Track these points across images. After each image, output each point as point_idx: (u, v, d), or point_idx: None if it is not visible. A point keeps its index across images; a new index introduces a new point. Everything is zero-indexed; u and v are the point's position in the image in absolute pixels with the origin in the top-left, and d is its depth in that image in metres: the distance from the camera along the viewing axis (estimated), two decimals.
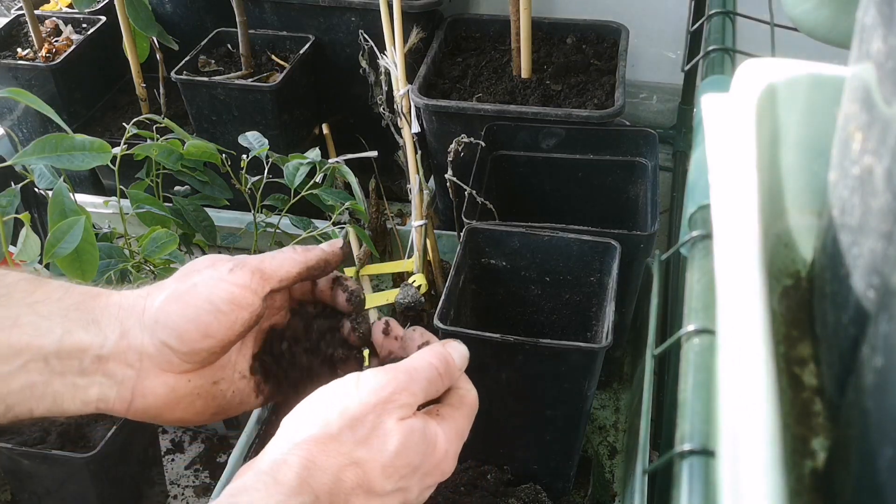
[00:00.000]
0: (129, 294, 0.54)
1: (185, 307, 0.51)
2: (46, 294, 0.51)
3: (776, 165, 0.45)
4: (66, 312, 0.51)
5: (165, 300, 0.52)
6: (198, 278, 0.53)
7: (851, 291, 0.33)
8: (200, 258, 0.56)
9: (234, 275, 0.52)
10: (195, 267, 0.55)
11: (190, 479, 0.89)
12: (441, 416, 0.52)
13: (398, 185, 1.21)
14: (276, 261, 0.54)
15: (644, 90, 1.38)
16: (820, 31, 0.63)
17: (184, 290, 0.52)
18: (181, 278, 0.54)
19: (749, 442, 0.29)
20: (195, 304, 0.51)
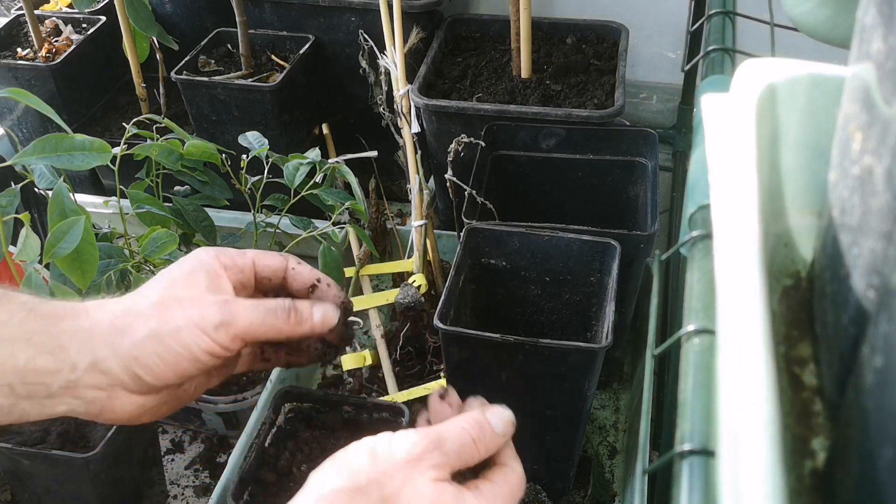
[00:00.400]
0: (103, 317, 0.52)
1: (165, 351, 0.52)
2: (9, 314, 0.50)
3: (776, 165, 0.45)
4: (30, 336, 0.50)
5: (146, 339, 0.51)
6: (181, 319, 0.52)
7: (851, 291, 0.33)
8: (187, 262, 0.56)
9: (218, 333, 0.52)
10: (179, 290, 0.54)
11: (190, 479, 0.89)
12: (479, 490, 0.49)
13: (398, 185, 1.21)
14: (266, 325, 0.54)
15: (644, 90, 1.38)
16: (820, 31, 0.63)
17: (166, 333, 0.52)
18: (162, 309, 0.53)
19: (749, 442, 0.29)
20: (176, 352, 0.52)
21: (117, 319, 0.52)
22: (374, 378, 0.95)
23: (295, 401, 0.73)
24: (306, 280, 0.61)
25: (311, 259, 1.13)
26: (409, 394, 0.87)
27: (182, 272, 0.55)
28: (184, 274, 0.55)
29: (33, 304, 0.51)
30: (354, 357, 0.93)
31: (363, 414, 0.71)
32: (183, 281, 0.54)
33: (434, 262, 0.98)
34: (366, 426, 0.71)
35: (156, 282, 0.55)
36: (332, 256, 0.83)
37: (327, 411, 0.72)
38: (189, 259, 0.57)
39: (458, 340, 0.70)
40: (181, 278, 0.55)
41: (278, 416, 0.72)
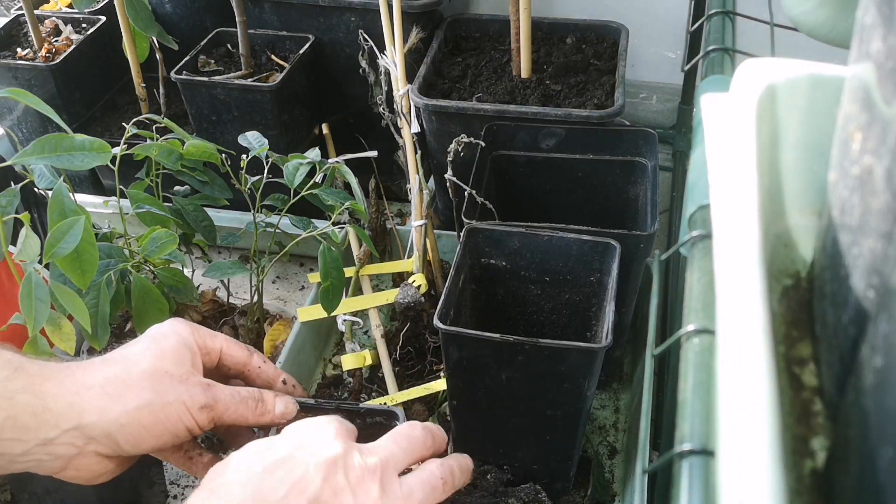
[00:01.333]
0: (93, 381, 0.54)
1: (153, 423, 0.55)
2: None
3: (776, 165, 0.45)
4: (13, 395, 0.51)
5: (137, 410, 0.55)
6: (171, 395, 0.56)
7: (851, 291, 0.34)
8: (171, 337, 0.59)
9: (201, 414, 0.57)
10: (170, 365, 0.57)
11: (190, 479, 0.89)
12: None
13: (398, 185, 1.21)
14: (237, 413, 0.60)
15: (644, 90, 1.38)
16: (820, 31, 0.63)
17: (157, 406, 0.55)
18: (155, 382, 0.56)
19: (749, 442, 0.29)
20: (163, 425, 0.56)
21: (109, 386, 0.55)
22: (373, 378, 0.95)
23: None
24: (270, 378, 0.66)
25: (311, 259, 1.14)
26: (409, 394, 0.87)
27: (170, 346, 0.59)
28: (171, 349, 0.58)
29: (19, 363, 0.52)
30: (354, 357, 0.93)
31: (356, 420, 0.71)
32: (172, 356, 0.58)
33: (434, 262, 0.98)
34: (360, 432, 0.71)
35: (145, 350, 0.58)
36: (332, 256, 0.83)
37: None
38: (171, 333, 0.60)
39: (458, 340, 0.70)
40: (170, 352, 0.58)
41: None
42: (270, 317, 1.03)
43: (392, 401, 0.86)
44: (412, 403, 0.89)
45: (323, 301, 0.84)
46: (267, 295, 1.06)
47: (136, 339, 0.61)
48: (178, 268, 0.84)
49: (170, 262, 0.82)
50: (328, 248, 0.83)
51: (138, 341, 0.60)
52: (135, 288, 0.78)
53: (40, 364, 0.53)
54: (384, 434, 0.64)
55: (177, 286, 0.83)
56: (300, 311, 0.94)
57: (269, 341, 0.98)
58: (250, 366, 0.65)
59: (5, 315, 0.72)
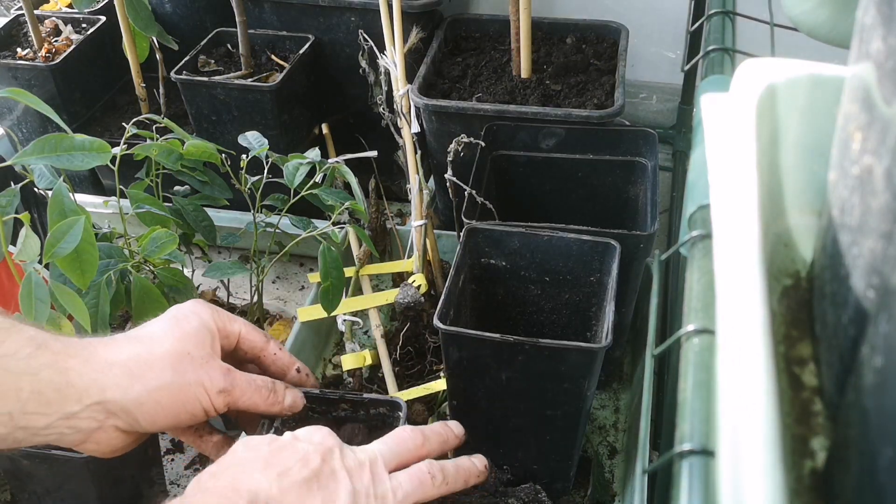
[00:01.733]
0: (115, 358, 0.55)
1: (171, 403, 0.57)
2: (16, 348, 0.51)
3: (776, 165, 0.45)
4: (38, 371, 0.52)
5: (158, 389, 0.56)
6: (192, 376, 0.58)
7: (851, 291, 0.34)
8: (193, 318, 0.61)
9: (219, 398, 0.59)
10: (192, 347, 0.59)
11: (190, 479, 0.89)
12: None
13: (398, 185, 1.21)
14: (251, 400, 0.62)
15: (644, 90, 1.38)
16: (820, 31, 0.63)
17: (177, 387, 0.57)
18: (177, 363, 0.57)
19: (749, 442, 0.29)
20: (181, 405, 0.57)
21: (132, 364, 0.56)
22: (373, 378, 0.95)
23: None
24: (285, 365, 0.68)
25: (311, 259, 1.14)
26: (409, 394, 0.87)
27: (192, 328, 0.60)
28: (193, 331, 0.60)
29: (42, 340, 0.53)
30: (354, 357, 0.93)
31: (360, 411, 0.71)
32: (194, 338, 0.59)
33: (434, 262, 0.98)
34: (363, 423, 0.71)
35: (168, 330, 0.60)
36: (332, 256, 0.83)
37: (324, 411, 0.72)
38: (193, 314, 0.61)
39: (458, 340, 0.70)
40: (192, 335, 0.60)
41: (275, 418, 0.72)
42: (270, 317, 1.03)
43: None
44: (412, 403, 0.89)
45: (323, 301, 0.84)
46: (267, 295, 1.06)
47: (158, 317, 0.62)
48: (178, 268, 0.84)
49: (170, 262, 0.82)
50: (328, 248, 0.83)
51: (160, 320, 0.61)
52: (135, 288, 0.78)
53: (64, 341, 0.54)
54: (387, 424, 0.69)
55: (177, 286, 0.83)
56: (300, 311, 0.94)
57: None
58: (266, 352, 0.67)
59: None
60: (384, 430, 0.70)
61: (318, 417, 0.72)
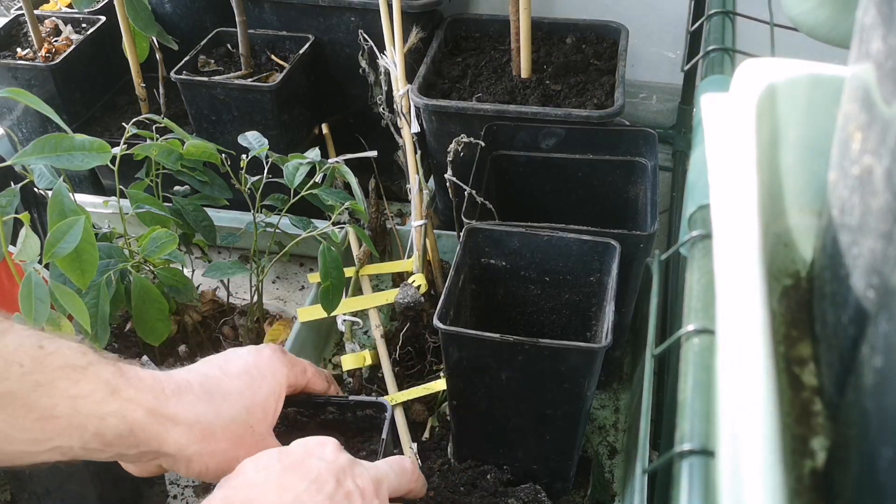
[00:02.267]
0: (180, 420, 0.56)
1: (213, 471, 0.59)
2: (90, 390, 0.52)
3: (776, 165, 0.45)
4: (104, 416, 0.53)
5: (208, 456, 0.58)
6: (243, 453, 0.58)
7: (851, 291, 0.34)
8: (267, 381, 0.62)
9: None
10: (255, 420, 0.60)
11: (190, 479, 0.89)
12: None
13: (398, 185, 1.21)
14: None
15: (644, 90, 1.38)
16: (820, 31, 0.63)
17: (225, 460, 0.58)
18: (233, 441, 0.59)
19: (749, 442, 0.29)
20: (216, 476, 0.58)
21: (196, 427, 0.57)
22: (373, 378, 0.95)
23: None
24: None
25: (311, 259, 1.14)
26: (409, 394, 0.87)
27: (261, 398, 0.61)
28: (262, 400, 0.61)
29: (116, 385, 0.53)
30: (354, 357, 0.93)
31: (347, 413, 0.71)
32: (261, 410, 0.61)
33: (434, 262, 0.98)
34: (350, 425, 0.71)
35: (240, 393, 0.60)
36: (332, 256, 0.83)
37: (311, 414, 0.72)
38: (269, 375, 0.63)
39: (458, 340, 0.70)
40: (259, 405, 0.61)
41: None
42: (270, 317, 1.03)
43: (392, 401, 0.86)
44: (412, 403, 0.89)
45: (323, 301, 0.84)
46: (267, 295, 1.06)
47: (237, 360, 0.63)
48: (178, 268, 0.84)
49: (170, 262, 0.82)
50: (328, 248, 0.83)
51: (238, 372, 0.61)
52: (135, 288, 0.78)
53: (136, 387, 0.54)
54: (374, 426, 0.70)
55: (177, 286, 0.83)
56: (300, 311, 0.94)
57: (269, 341, 0.98)
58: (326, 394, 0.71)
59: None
60: (371, 432, 0.71)
61: (305, 421, 0.72)
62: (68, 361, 0.51)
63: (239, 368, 0.62)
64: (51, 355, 0.51)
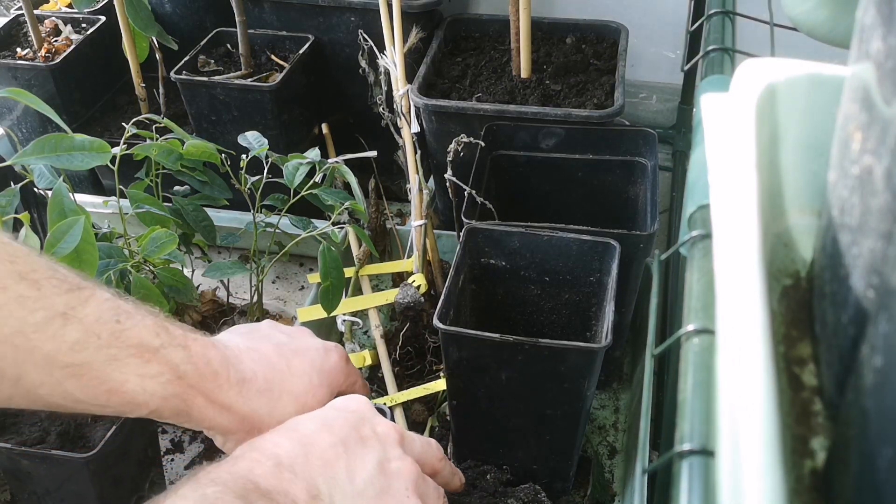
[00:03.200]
0: (236, 410, 0.58)
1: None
2: (157, 371, 0.53)
3: (776, 165, 0.45)
4: (166, 398, 0.54)
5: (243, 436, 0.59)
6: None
7: (851, 291, 0.34)
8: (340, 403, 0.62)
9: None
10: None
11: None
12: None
13: (398, 185, 1.21)
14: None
15: (644, 90, 1.38)
16: (820, 31, 0.63)
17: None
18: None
19: (749, 442, 0.29)
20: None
21: (245, 421, 0.58)
22: (373, 378, 0.95)
23: None
24: None
25: (311, 259, 1.14)
26: (409, 394, 0.87)
27: (315, 403, 0.62)
28: (314, 405, 0.62)
29: (183, 371, 0.54)
30: (354, 357, 0.93)
31: None
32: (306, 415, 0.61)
33: (434, 262, 0.98)
34: None
35: (296, 397, 0.61)
36: (332, 256, 0.83)
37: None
38: (325, 385, 0.64)
39: (458, 340, 0.70)
40: (307, 410, 0.61)
41: None
42: (270, 317, 1.03)
43: (392, 401, 0.86)
44: (412, 403, 0.89)
45: (323, 301, 0.84)
46: (267, 295, 1.06)
47: (304, 356, 0.63)
48: (178, 268, 0.84)
49: (169, 262, 0.82)
50: (328, 248, 0.83)
51: (302, 372, 0.62)
52: (134, 288, 0.78)
53: (202, 373, 0.55)
54: None
55: (176, 286, 0.83)
56: (300, 311, 0.94)
57: None
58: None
59: None
60: None
61: None
62: (143, 340, 0.52)
63: (303, 368, 0.62)
64: (126, 331, 0.52)
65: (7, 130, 1.18)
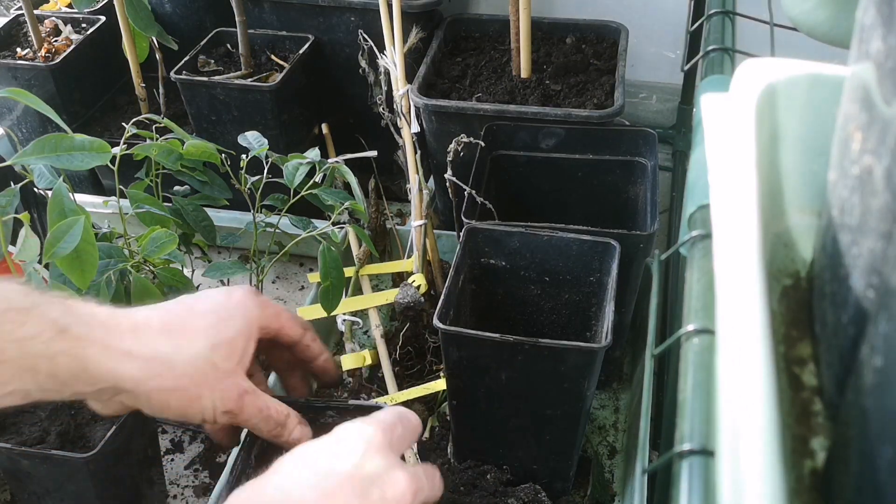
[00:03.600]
0: (139, 351, 0.55)
1: (179, 406, 0.58)
2: (38, 331, 0.51)
3: (776, 165, 0.45)
4: (55, 356, 0.52)
5: (171, 391, 0.57)
6: (206, 391, 0.58)
7: (851, 291, 0.34)
8: (237, 320, 0.60)
9: (223, 417, 0.60)
10: (219, 358, 0.58)
11: (189, 479, 0.89)
12: None
13: (398, 185, 1.21)
14: (255, 427, 0.62)
15: (644, 90, 1.38)
16: (820, 31, 0.63)
17: (190, 396, 0.57)
18: (198, 374, 0.57)
19: (749, 442, 0.29)
20: (185, 410, 0.58)
21: (153, 363, 0.55)
22: (373, 378, 0.95)
23: None
24: (314, 354, 0.70)
25: (310, 259, 1.14)
26: (409, 394, 0.87)
27: (228, 337, 0.59)
28: (229, 339, 0.59)
29: (65, 324, 0.52)
30: (354, 357, 0.93)
31: (346, 417, 0.71)
32: (226, 348, 0.59)
33: (434, 262, 0.98)
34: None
35: (204, 330, 0.59)
36: (332, 256, 0.83)
37: (311, 418, 0.72)
38: (239, 315, 0.61)
39: (458, 340, 0.70)
40: (226, 343, 0.59)
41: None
42: None
43: (392, 401, 0.86)
44: (412, 403, 0.89)
45: (323, 301, 0.84)
46: (267, 295, 1.06)
47: (207, 300, 0.61)
48: (178, 268, 0.84)
49: (169, 262, 0.82)
50: (328, 248, 0.83)
51: (205, 310, 0.59)
52: (134, 288, 0.78)
53: (88, 324, 0.53)
54: None
55: (176, 286, 0.83)
56: (300, 311, 0.94)
57: None
58: (301, 343, 0.68)
59: None
60: None
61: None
62: (11, 304, 0.50)
63: (207, 307, 0.60)
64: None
65: (7, 130, 1.18)
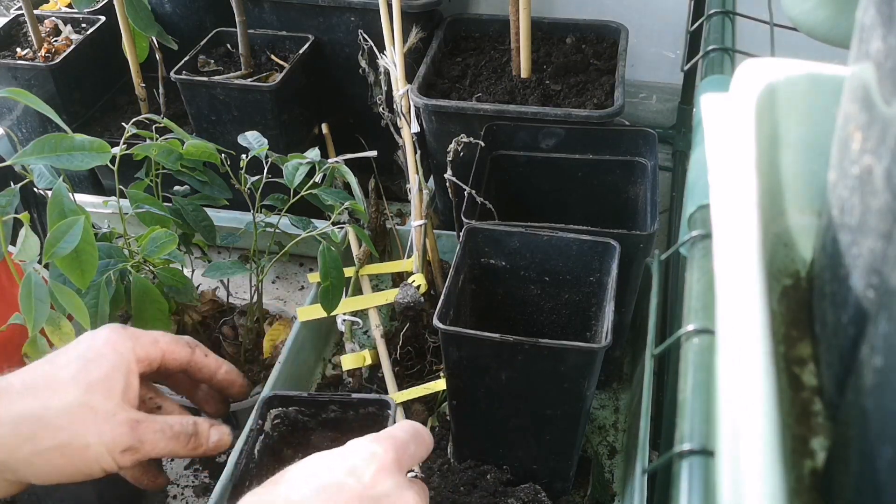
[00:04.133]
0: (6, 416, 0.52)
1: (66, 464, 0.55)
2: None
3: (776, 165, 0.45)
4: None
5: (51, 450, 0.53)
6: (93, 436, 0.54)
7: (851, 291, 0.34)
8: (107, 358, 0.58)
9: (124, 457, 0.57)
10: (97, 399, 0.55)
11: (190, 479, 0.89)
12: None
13: (398, 185, 1.21)
14: (167, 450, 0.59)
15: (643, 90, 1.38)
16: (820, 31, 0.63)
17: (74, 449, 0.54)
18: (76, 421, 0.54)
19: (749, 442, 0.29)
20: (76, 466, 0.55)
21: (23, 425, 0.52)
22: (373, 378, 0.95)
23: (280, 405, 0.73)
24: (213, 370, 0.67)
25: (310, 259, 1.14)
26: (409, 394, 0.87)
27: (102, 374, 0.56)
28: (103, 377, 0.56)
29: None
30: (354, 357, 0.93)
31: (349, 412, 0.71)
32: (103, 386, 0.55)
33: (434, 262, 0.98)
34: (353, 423, 0.71)
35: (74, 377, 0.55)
36: (332, 256, 0.83)
37: (313, 413, 0.72)
38: (109, 352, 0.58)
39: (458, 340, 0.70)
40: (101, 382, 0.56)
41: (265, 423, 0.72)
42: (270, 317, 1.03)
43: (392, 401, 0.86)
44: (412, 403, 0.89)
45: (322, 301, 0.84)
46: (267, 295, 1.06)
47: (68, 351, 0.58)
48: (178, 268, 0.84)
49: (169, 262, 0.82)
50: (328, 248, 0.83)
51: (69, 360, 0.57)
52: (134, 288, 0.78)
53: None
54: (377, 423, 0.67)
55: (176, 286, 0.83)
56: (300, 311, 0.94)
57: (269, 341, 0.98)
58: (193, 362, 0.66)
59: (5, 315, 0.72)
60: (375, 428, 0.71)
61: (307, 420, 0.72)
62: None
63: (70, 356, 0.58)
64: None
65: (7, 130, 1.18)
